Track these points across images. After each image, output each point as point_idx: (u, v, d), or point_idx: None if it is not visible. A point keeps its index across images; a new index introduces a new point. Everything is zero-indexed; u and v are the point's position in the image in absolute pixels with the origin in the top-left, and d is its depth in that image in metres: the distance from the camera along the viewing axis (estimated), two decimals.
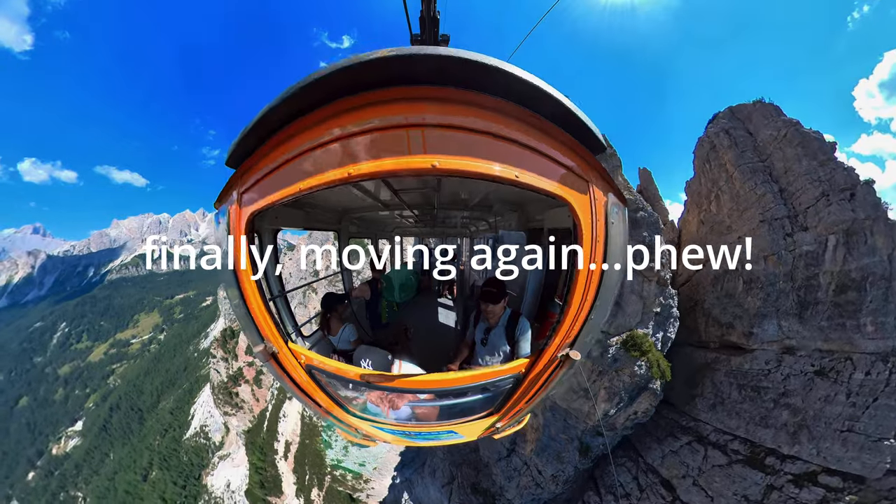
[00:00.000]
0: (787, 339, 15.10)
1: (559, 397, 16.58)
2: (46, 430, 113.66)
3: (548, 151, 1.52)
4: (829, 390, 13.34)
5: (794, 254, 15.33)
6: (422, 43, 2.49)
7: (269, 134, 1.54)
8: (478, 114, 1.38)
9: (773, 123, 17.48)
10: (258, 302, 1.94)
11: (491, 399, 2.23)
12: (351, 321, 3.68)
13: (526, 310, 3.11)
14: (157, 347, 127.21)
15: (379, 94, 1.32)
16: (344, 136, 1.41)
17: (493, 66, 1.21)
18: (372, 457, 33.08)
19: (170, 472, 65.77)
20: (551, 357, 1.95)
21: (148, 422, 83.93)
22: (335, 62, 1.21)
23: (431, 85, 1.31)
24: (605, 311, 1.92)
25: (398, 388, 2.11)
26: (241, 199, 1.78)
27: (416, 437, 2.53)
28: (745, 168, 17.42)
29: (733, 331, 16.61)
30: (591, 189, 1.67)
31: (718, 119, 20.16)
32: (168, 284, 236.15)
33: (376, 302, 4.72)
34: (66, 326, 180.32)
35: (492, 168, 1.42)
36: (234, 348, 62.16)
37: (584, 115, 1.47)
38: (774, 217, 16.03)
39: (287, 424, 49.02)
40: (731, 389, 15.89)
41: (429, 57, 1.20)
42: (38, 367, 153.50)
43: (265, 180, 1.65)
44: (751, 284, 16.36)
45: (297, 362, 2.11)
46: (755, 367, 15.53)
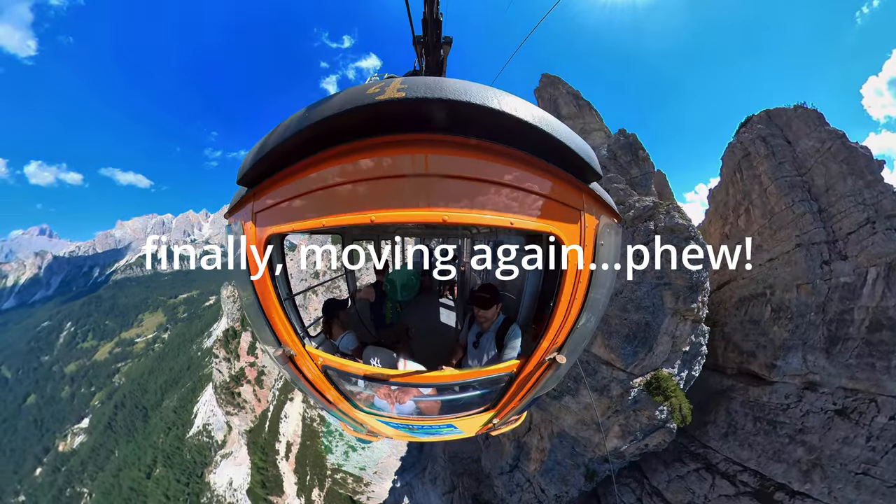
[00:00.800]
0: (810, 374, 14.13)
1: (568, 426, 15.94)
2: (53, 427, 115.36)
3: (544, 192, 1.58)
4: (848, 431, 12.66)
5: (829, 284, 14.13)
6: (424, 45, 2.53)
7: (283, 161, 1.56)
8: (482, 158, 1.44)
9: (815, 133, 15.81)
10: (276, 308, 2.00)
11: (487, 395, 2.39)
12: (353, 327, 3.79)
13: (521, 315, 3.22)
14: (161, 346, 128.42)
15: (387, 138, 1.38)
16: (359, 180, 1.48)
17: (512, 116, 1.27)
18: (372, 461, 32.85)
19: (173, 469, 66.41)
20: (540, 360, 2.07)
21: (152, 420, 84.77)
22: (344, 95, 1.28)
23: (445, 133, 1.37)
24: (595, 319, 2.09)
25: (404, 384, 2.30)
26: (255, 217, 1.78)
27: (418, 431, 2.70)
28: (782, 182, 15.80)
29: (754, 360, 15.56)
30: (582, 217, 1.72)
31: (753, 123, 18.31)
32: (172, 284, 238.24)
33: (381, 303, 4.77)
34: (73, 326, 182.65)
35: (492, 219, 1.51)
36: (236, 348, 62.38)
37: (581, 149, 1.51)
38: (812, 241, 14.61)
39: (288, 425, 49.16)
40: (746, 420, 15.06)
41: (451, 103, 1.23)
42: (46, 366, 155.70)
43: (284, 205, 1.67)
44: (779, 313, 15.15)
45: (315, 364, 2.22)
46: (774, 400, 14.65)
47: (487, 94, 1.26)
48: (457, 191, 1.46)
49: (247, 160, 1.61)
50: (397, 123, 1.35)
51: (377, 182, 1.46)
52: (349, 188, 1.50)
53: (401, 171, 1.43)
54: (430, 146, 1.40)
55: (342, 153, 1.45)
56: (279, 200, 1.67)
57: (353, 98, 1.26)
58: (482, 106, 1.24)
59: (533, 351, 2.07)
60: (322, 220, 1.57)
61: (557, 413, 15.93)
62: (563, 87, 35.86)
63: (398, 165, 1.43)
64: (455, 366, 2.93)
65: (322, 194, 1.55)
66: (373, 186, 1.47)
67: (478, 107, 1.24)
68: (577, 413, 15.16)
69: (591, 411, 14.52)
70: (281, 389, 53.17)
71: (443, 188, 1.45)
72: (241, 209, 1.87)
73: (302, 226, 1.66)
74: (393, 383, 2.28)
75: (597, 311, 2.04)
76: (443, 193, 1.46)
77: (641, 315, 13.93)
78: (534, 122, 1.33)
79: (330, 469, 37.50)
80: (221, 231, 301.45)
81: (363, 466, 34.48)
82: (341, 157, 1.46)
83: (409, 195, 1.47)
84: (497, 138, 1.41)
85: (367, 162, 1.44)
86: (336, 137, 1.41)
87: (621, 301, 14.50)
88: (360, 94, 1.26)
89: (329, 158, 1.48)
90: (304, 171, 1.56)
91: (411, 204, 1.47)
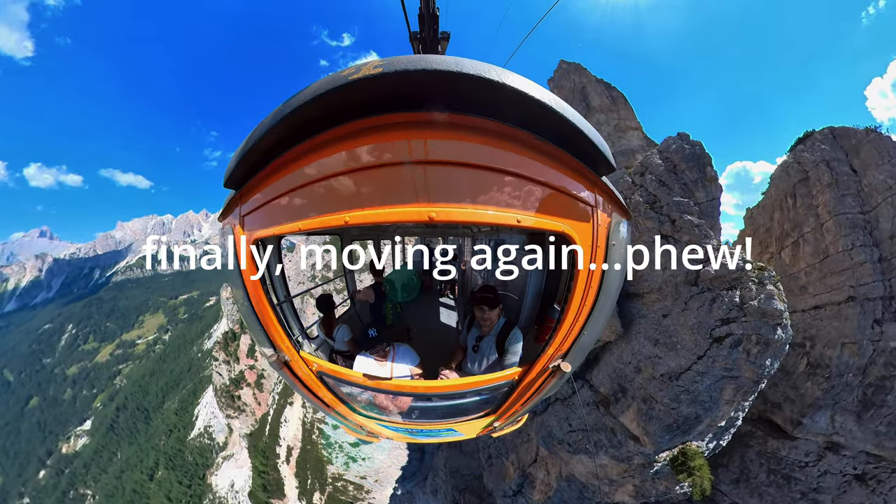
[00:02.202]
0: (835, 435, 13.11)
1: (579, 473, 14.85)
2: (56, 429, 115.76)
3: (555, 183, 1.39)
4: (864, 498, 11.97)
5: (876, 346, 12.61)
6: (422, 41, 2.35)
7: (264, 160, 1.46)
8: (480, 141, 1.22)
9: (888, 166, 13.20)
10: (269, 313, 1.93)
11: (488, 401, 2.31)
12: (348, 322, 3.70)
13: (523, 317, 3.14)
14: (162, 348, 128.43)
15: (368, 121, 1.19)
16: (336, 174, 1.31)
17: (509, 86, 1.05)
18: (373, 471, 32.50)
19: (175, 471, 66.52)
20: (543, 367, 1.97)
21: (154, 422, 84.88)
22: (318, 83, 1.10)
23: (432, 110, 1.15)
24: (601, 326, 1.98)
25: (401, 393, 2.23)
26: (243, 220, 1.73)
27: (418, 434, 2.65)
28: (844, 220, 13.32)
29: (779, 412, 14.29)
30: (595, 214, 1.57)
31: (815, 142, 15.18)
32: (172, 285, 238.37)
33: (381, 304, 4.66)
34: (74, 328, 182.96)
35: (494, 216, 1.30)
36: (235, 351, 62.12)
37: (595, 136, 1.32)
38: (868, 297, 12.68)
39: (288, 430, 48.99)
40: (761, 471, 14.07)
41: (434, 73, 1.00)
42: (48, 369, 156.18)
43: (265, 208, 1.60)
44: (816, 369, 13.65)
45: (310, 370, 2.15)
46: (793, 456, 13.61)
47: (485, 67, 1.03)
48: (449, 181, 1.23)
49: (231, 161, 1.51)
50: (375, 105, 1.14)
51: (353, 176, 1.27)
52: (324, 186, 1.33)
53: (380, 160, 1.22)
54: (414, 128, 1.17)
55: (316, 146, 1.28)
56: (262, 203, 1.58)
57: (325, 83, 1.09)
58: (478, 77, 1.01)
59: (537, 358, 1.98)
60: (298, 224, 1.43)
61: (569, 460, 14.89)
62: (590, 75, 28.71)
63: (377, 154, 1.21)
64: (455, 369, 2.85)
65: (298, 195, 1.41)
66: (348, 182, 1.29)
67: (473, 78, 1.01)
68: (590, 467, 14.13)
69: (606, 470, 13.39)
70: (280, 393, 52.90)
71: (431, 178, 1.22)
72: (231, 212, 1.81)
73: (280, 230, 1.53)
74: (390, 392, 2.20)
75: (605, 317, 1.91)
76: (431, 185, 1.22)
77: (694, 409, 11.67)
78: (544, 100, 1.10)
79: (331, 477, 37.27)
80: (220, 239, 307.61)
81: (363, 476, 34.20)
82: (316, 150, 1.29)
83: (391, 189, 1.25)
84: (498, 119, 1.18)
85: (341, 154, 1.25)
86: (311, 129, 1.23)
87: (675, 390, 11.89)
88: (335, 77, 1.08)
89: (304, 154, 1.32)
90: (281, 170, 1.43)
91: (392, 200, 1.24)
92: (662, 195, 14.25)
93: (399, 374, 2.41)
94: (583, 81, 28.23)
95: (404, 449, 37.10)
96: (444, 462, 23.46)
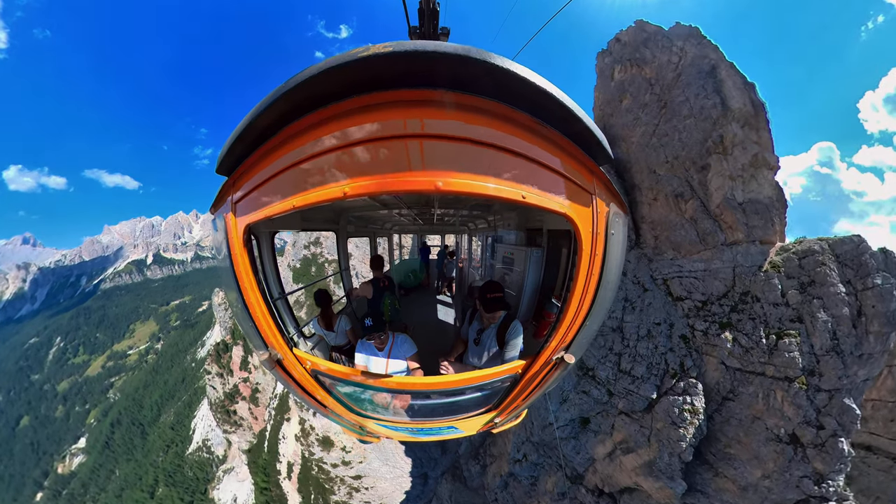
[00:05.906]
0: None
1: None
2: (50, 449, 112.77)
3: (557, 167, 1.45)
4: None
5: None
6: (421, 36, 2.36)
7: (258, 141, 1.45)
8: (486, 122, 1.27)
9: None
10: (262, 309, 1.86)
11: (490, 396, 2.26)
12: (347, 314, 3.84)
13: (522, 311, 3.22)
14: (155, 358, 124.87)
15: (374, 97, 1.21)
16: (336, 148, 1.30)
17: (512, 72, 1.11)
18: (377, 497, 30.72)
19: (176, 488, 64.86)
20: (547, 359, 1.96)
21: (150, 437, 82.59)
22: (325, 60, 1.12)
23: (434, 88, 1.18)
24: (601, 318, 1.97)
25: (401, 390, 2.15)
26: (235, 208, 1.70)
27: (418, 432, 2.62)
28: None
29: None
30: (595, 201, 1.62)
31: None
32: (163, 290, 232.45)
33: (378, 300, 4.51)
34: (62, 341, 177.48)
35: (499, 189, 1.32)
36: (228, 363, 59.52)
37: (594, 126, 1.40)
38: None
39: (287, 446, 47.14)
40: None
41: (441, 55, 1.05)
42: (37, 385, 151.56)
43: (257, 191, 1.56)
44: None
45: (304, 368, 2.08)
46: None
47: (491, 55, 1.08)
48: (457, 155, 1.26)
49: (225, 144, 1.48)
50: (384, 82, 1.16)
51: (358, 148, 1.26)
52: (323, 159, 1.32)
53: (390, 132, 1.22)
54: (426, 105, 1.20)
55: (320, 121, 1.27)
56: (254, 186, 1.55)
57: (333, 60, 1.09)
58: (484, 62, 1.06)
59: (540, 350, 1.95)
60: (292, 200, 1.40)
61: None
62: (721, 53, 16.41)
63: (387, 128, 1.22)
64: (455, 361, 2.87)
65: (294, 172, 1.39)
66: (352, 154, 1.28)
67: (479, 62, 1.06)
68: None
69: None
70: (277, 409, 50.66)
71: (439, 151, 1.25)
72: (223, 202, 1.79)
73: (273, 210, 1.50)
74: (389, 390, 2.11)
75: (605, 309, 1.89)
76: (439, 157, 1.25)
77: None
78: (547, 89, 1.17)
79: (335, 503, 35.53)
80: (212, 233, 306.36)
81: (368, 502, 32.38)
82: (317, 125, 1.28)
83: (399, 160, 1.24)
84: (505, 102, 1.23)
85: (348, 129, 1.25)
86: (314, 107, 1.23)
87: None
88: (347, 54, 1.08)
89: (306, 129, 1.30)
90: (278, 149, 1.40)
91: (400, 169, 1.24)
92: None
93: (396, 369, 2.50)
94: (711, 58, 16.28)
95: (408, 476, 35.44)
96: (448, 495, 21.83)
